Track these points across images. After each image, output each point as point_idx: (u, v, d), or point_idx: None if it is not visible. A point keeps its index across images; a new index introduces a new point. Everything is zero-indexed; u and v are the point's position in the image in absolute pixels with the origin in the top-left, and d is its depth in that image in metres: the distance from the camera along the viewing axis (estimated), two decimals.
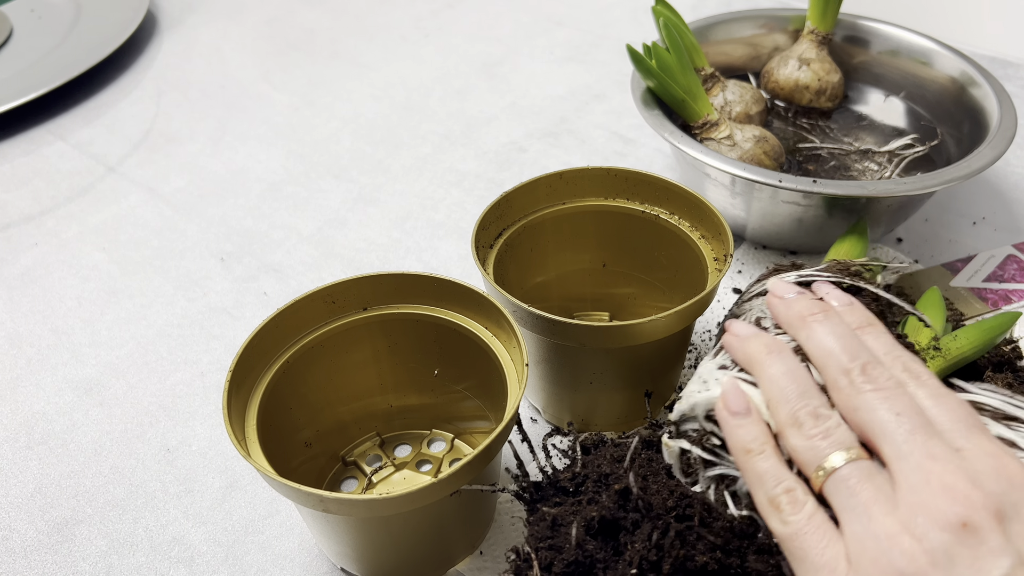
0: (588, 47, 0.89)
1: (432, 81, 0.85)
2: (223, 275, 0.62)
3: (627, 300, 0.54)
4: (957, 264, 0.58)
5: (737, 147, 0.58)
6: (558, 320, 0.40)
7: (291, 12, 0.99)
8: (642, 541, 0.32)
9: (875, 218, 0.55)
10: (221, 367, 0.54)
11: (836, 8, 0.65)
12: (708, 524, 0.34)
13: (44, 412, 0.52)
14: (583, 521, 0.33)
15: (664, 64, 0.58)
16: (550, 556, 0.33)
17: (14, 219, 0.68)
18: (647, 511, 0.33)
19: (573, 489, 0.36)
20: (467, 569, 0.42)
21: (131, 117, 0.80)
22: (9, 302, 0.60)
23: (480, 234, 0.46)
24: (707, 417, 0.35)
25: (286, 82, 0.85)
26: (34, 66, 0.85)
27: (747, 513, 0.34)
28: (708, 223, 0.46)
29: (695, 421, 0.35)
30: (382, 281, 0.43)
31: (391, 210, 0.68)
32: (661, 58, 0.57)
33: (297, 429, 0.43)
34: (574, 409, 0.47)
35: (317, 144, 0.76)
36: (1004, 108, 0.57)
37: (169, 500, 0.47)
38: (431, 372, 0.46)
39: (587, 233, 0.51)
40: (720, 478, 0.35)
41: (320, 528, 0.39)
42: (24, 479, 0.48)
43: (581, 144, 0.74)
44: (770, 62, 0.67)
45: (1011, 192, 0.65)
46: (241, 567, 0.43)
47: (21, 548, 0.45)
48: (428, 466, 0.47)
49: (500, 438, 0.36)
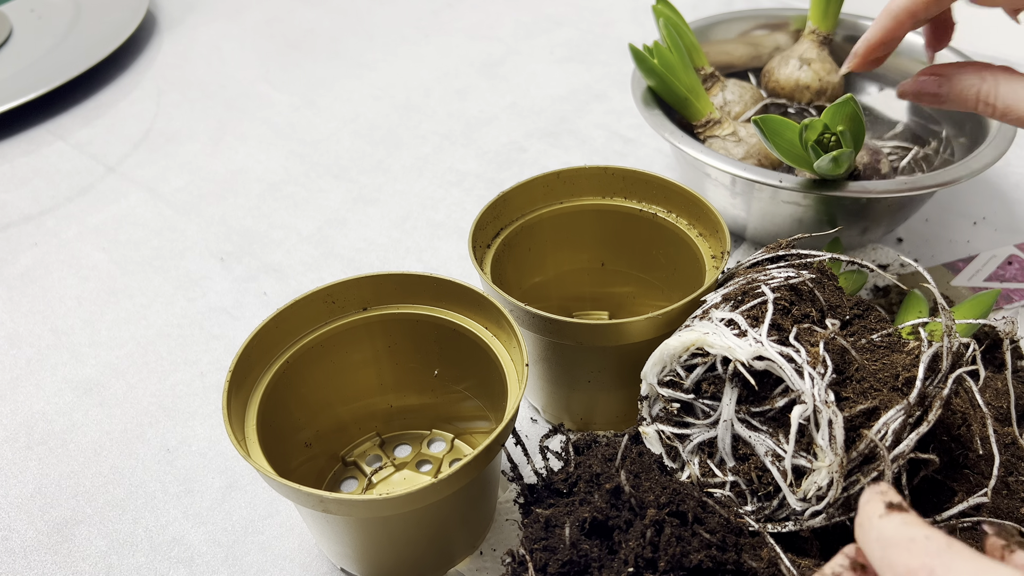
0: (588, 47, 0.89)
1: (432, 81, 0.85)
2: (223, 275, 0.62)
3: (626, 299, 0.54)
4: (959, 264, 0.58)
5: (743, 143, 0.58)
6: (555, 319, 0.40)
7: (291, 12, 0.99)
8: (636, 539, 0.32)
9: (875, 218, 0.55)
10: (221, 367, 0.54)
11: (837, 8, 0.65)
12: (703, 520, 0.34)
13: (44, 412, 0.52)
14: (576, 521, 0.33)
15: (667, 63, 0.57)
16: (545, 557, 0.33)
17: (14, 219, 0.68)
18: (640, 508, 0.33)
19: (567, 491, 0.36)
20: (467, 569, 0.42)
21: (131, 117, 0.80)
22: (9, 302, 0.60)
23: (477, 234, 0.46)
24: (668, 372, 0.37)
25: (286, 82, 0.85)
26: (34, 66, 0.85)
27: (734, 479, 0.34)
28: (705, 221, 0.46)
29: (661, 387, 0.37)
30: (382, 281, 0.43)
31: (391, 210, 0.68)
32: (663, 57, 0.57)
33: (297, 429, 0.43)
34: (573, 408, 0.47)
35: (317, 144, 0.76)
36: None
37: (169, 500, 0.47)
38: (431, 372, 0.46)
39: (585, 232, 0.51)
40: (700, 448, 0.35)
41: (320, 528, 0.39)
42: (24, 479, 0.48)
43: (581, 144, 0.74)
44: (771, 62, 0.67)
45: (1011, 192, 0.65)
46: (241, 567, 0.43)
47: (21, 548, 0.45)
48: (428, 466, 0.47)
49: (500, 438, 0.36)
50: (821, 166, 0.48)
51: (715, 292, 0.40)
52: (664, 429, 0.37)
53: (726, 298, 0.38)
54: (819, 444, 0.32)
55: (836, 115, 0.48)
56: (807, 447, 0.34)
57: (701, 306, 0.40)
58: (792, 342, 0.34)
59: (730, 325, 0.36)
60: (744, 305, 0.37)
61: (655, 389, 0.37)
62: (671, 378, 0.38)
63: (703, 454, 0.36)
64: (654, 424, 0.38)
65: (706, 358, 0.36)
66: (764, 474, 0.35)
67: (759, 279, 0.38)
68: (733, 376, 0.35)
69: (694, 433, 0.36)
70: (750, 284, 0.38)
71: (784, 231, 0.57)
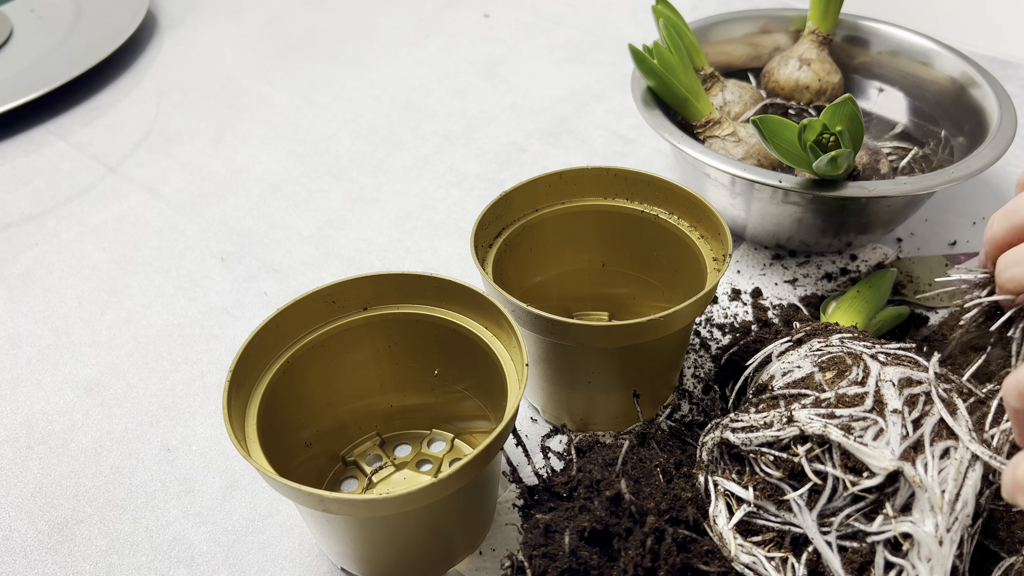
0: (588, 47, 0.89)
1: (432, 81, 0.85)
2: (223, 275, 0.62)
3: (626, 300, 0.54)
4: (960, 257, 0.58)
5: (743, 143, 0.58)
6: (557, 319, 0.41)
7: (291, 12, 0.99)
8: (635, 548, 0.32)
9: (874, 218, 0.55)
10: (221, 367, 0.54)
11: (837, 8, 0.65)
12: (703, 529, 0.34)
13: (44, 412, 0.52)
14: (576, 528, 0.33)
15: (666, 63, 0.58)
16: (544, 564, 0.33)
17: (14, 219, 0.68)
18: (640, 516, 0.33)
19: (567, 494, 0.36)
20: (467, 569, 0.42)
21: (131, 117, 0.80)
22: (9, 302, 0.60)
23: (479, 233, 0.46)
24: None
25: (286, 82, 0.85)
26: (34, 66, 0.85)
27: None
28: (707, 223, 0.46)
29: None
30: (382, 281, 0.43)
31: (391, 210, 0.68)
32: (663, 57, 0.57)
33: (297, 429, 0.43)
34: (573, 408, 0.47)
35: (317, 144, 0.76)
36: (1004, 108, 0.57)
37: (169, 500, 0.47)
38: (431, 372, 0.46)
39: (586, 233, 0.51)
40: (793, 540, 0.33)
41: (320, 528, 0.39)
42: (24, 479, 0.48)
43: (581, 144, 0.74)
44: (770, 62, 0.67)
45: (1011, 192, 0.65)
46: (241, 567, 0.43)
47: (21, 548, 0.45)
48: (428, 466, 0.47)
49: (500, 438, 0.36)
50: (820, 166, 0.48)
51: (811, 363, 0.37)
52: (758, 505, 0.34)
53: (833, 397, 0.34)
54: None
55: (835, 115, 0.48)
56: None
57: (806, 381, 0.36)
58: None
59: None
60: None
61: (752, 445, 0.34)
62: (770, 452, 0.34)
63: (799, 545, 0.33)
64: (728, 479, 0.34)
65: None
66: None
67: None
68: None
69: (780, 519, 0.33)
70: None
71: (784, 231, 0.57)
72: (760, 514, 0.33)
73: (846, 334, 0.39)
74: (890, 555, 0.31)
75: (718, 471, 0.36)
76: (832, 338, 0.38)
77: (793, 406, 0.34)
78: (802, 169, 0.51)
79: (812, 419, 0.32)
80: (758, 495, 0.33)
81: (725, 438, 0.35)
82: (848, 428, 0.32)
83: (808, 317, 0.53)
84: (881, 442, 0.31)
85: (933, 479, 0.30)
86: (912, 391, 0.33)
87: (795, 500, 0.32)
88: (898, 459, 0.31)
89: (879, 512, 0.31)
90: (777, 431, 0.33)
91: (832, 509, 0.32)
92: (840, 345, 0.37)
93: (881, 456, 0.31)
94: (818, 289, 0.57)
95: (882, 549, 0.31)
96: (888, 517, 0.31)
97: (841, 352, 0.37)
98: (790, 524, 0.33)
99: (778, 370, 0.38)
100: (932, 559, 0.30)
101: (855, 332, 0.39)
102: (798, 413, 0.33)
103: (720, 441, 0.35)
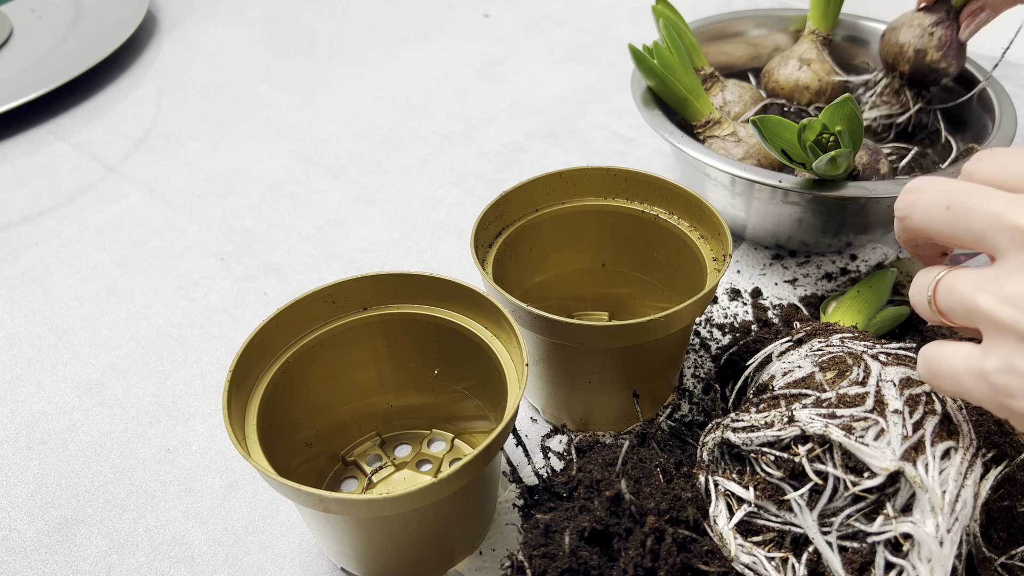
0: (588, 47, 0.89)
1: (432, 81, 0.85)
2: (223, 275, 0.62)
3: (626, 300, 0.54)
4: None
5: (743, 143, 0.58)
6: (557, 319, 0.41)
7: (291, 12, 0.99)
8: (636, 548, 0.32)
9: (874, 218, 0.55)
10: (221, 367, 0.54)
11: (837, 8, 0.65)
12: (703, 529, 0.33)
13: (44, 412, 0.52)
14: (576, 528, 0.33)
15: (666, 63, 0.58)
16: (544, 564, 0.33)
17: (14, 219, 0.68)
18: (640, 516, 0.33)
19: (567, 494, 0.36)
20: (467, 569, 0.42)
21: (131, 117, 0.80)
22: (9, 302, 0.60)
23: (479, 233, 0.46)
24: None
25: (286, 82, 0.85)
26: (34, 66, 0.85)
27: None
28: (707, 223, 0.46)
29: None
30: (382, 281, 0.43)
31: (391, 210, 0.68)
32: (663, 57, 0.57)
33: (297, 429, 0.43)
34: (573, 408, 0.47)
35: (317, 144, 0.76)
36: (1004, 108, 0.57)
37: (169, 500, 0.47)
38: (431, 372, 0.46)
39: (586, 233, 0.51)
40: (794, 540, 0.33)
41: (320, 528, 0.39)
42: (24, 479, 0.48)
43: (581, 144, 0.74)
44: (770, 62, 0.67)
45: None
46: (241, 567, 0.43)
47: (21, 548, 0.45)
48: (428, 466, 0.47)
49: (500, 438, 0.36)
50: (819, 166, 0.48)
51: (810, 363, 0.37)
52: (739, 492, 0.34)
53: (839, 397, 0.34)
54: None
55: (834, 115, 0.48)
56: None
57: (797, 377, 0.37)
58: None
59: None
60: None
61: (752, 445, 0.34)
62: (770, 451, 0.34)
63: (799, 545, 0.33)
64: (724, 476, 0.34)
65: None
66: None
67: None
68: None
69: (780, 519, 0.33)
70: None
71: (783, 231, 0.57)
72: (760, 514, 0.33)
73: (846, 334, 0.39)
74: (891, 555, 0.31)
75: (718, 471, 0.36)
76: (832, 338, 0.38)
77: (794, 406, 0.34)
78: (801, 169, 0.51)
79: (813, 419, 0.32)
80: (759, 495, 0.33)
81: (726, 438, 0.35)
82: (849, 428, 0.32)
83: (808, 317, 0.53)
84: (882, 442, 0.31)
85: (934, 480, 0.30)
86: (913, 391, 0.33)
87: (796, 500, 0.32)
88: (899, 459, 0.31)
89: (880, 512, 0.31)
90: (778, 431, 0.33)
91: (833, 509, 0.32)
92: (840, 345, 0.37)
93: (882, 456, 0.31)
94: (818, 289, 0.57)
95: (882, 549, 0.31)
96: (889, 517, 0.31)
97: (842, 352, 0.36)
98: (790, 524, 0.33)
99: (778, 370, 0.38)
100: (932, 559, 0.30)
101: (855, 332, 0.39)
102: (799, 413, 0.33)
103: (721, 441, 0.35)
